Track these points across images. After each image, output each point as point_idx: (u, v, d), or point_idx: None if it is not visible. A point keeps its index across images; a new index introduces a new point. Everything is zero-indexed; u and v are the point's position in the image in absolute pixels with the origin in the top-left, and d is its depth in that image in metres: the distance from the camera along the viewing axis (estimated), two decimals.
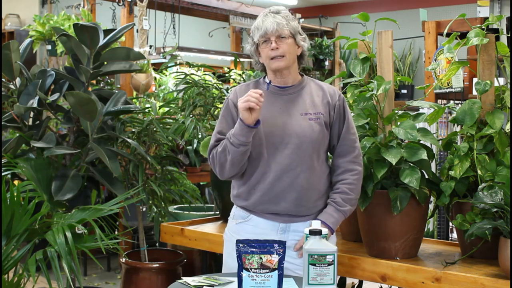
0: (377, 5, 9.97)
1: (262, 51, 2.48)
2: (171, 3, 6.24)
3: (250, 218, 2.52)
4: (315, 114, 2.49)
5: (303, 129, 2.46)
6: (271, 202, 2.47)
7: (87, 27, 3.35)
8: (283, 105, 2.50)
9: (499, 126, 2.56)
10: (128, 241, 4.21)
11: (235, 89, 2.59)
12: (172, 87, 5.61)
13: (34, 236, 2.99)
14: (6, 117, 3.43)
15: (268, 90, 2.51)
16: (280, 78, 2.51)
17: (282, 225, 2.49)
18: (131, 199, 3.41)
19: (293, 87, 2.53)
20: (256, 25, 2.48)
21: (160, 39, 6.49)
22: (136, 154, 3.71)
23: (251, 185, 2.49)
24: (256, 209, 2.50)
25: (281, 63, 2.46)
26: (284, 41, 2.45)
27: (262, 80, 2.58)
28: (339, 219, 2.49)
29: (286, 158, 2.45)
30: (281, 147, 2.45)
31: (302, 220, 2.50)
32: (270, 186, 2.46)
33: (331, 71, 8.29)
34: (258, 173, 2.47)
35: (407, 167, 2.58)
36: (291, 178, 2.45)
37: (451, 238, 3.35)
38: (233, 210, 2.61)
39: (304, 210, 2.49)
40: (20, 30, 7.31)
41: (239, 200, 2.56)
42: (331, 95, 2.55)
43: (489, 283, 2.30)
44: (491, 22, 2.67)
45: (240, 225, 2.54)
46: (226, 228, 2.64)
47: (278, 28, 2.43)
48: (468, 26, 3.28)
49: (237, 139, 2.38)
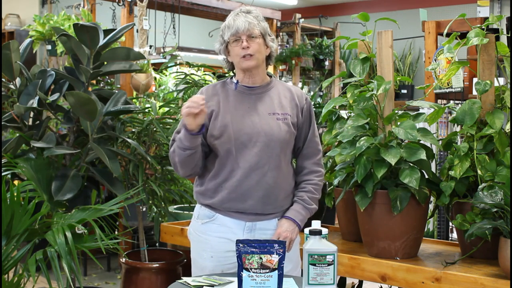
0: (377, 5, 9.97)
1: (232, 49, 2.49)
2: (171, 3, 6.24)
3: (215, 217, 2.52)
4: (283, 114, 2.51)
5: (271, 128, 2.48)
6: (238, 200, 2.47)
7: (87, 27, 3.35)
8: (251, 104, 2.52)
9: (499, 126, 2.56)
10: (128, 241, 4.21)
11: (201, 89, 2.61)
12: (172, 87, 5.61)
13: (34, 236, 2.99)
14: (6, 117, 3.43)
15: (236, 90, 2.53)
16: (249, 78, 2.53)
17: (248, 223, 2.50)
18: (131, 199, 3.41)
19: (260, 87, 2.55)
20: (227, 24, 2.50)
21: (160, 39, 6.49)
22: (136, 154, 3.71)
23: (218, 183, 2.50)
24: (221, 207, 2.50)
25: (252, 62, 2.47)
26: (254, 41, 2.47)
27: (229, 80, 2.60)
28: (306, 216, 2.54)
29: (255, 156, 2.46)
30: (250, 145, 2.46)
31: (268, 219, 2.52)
32: (238, 183, 2.46)
33: (331, 71, 8.30)
34: (226, 170, 2.48)
35: (407, 167, 2.58)
36: (259, 176, 2.46)
37: (451, 238, 3.35)
38: (197, 209, 2.60)
39: (270, 209, 2.51)
40: (20, 30, 7.31)
41: (204, 198, 2.55)
42: (298, 97, 2.58)
43: (489, 283, 2.30)
44: (491, 22, 2.67)
45: (206, 225, 2.54)
46: (190, 227, 2.63)
47: (249, 28, 2.46)
48: (468, 26, 3.28)
49: (182, 143, 2.42)
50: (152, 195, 3.83)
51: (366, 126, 2.75)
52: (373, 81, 2.68)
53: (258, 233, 2.51)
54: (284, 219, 2.51)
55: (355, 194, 2.67)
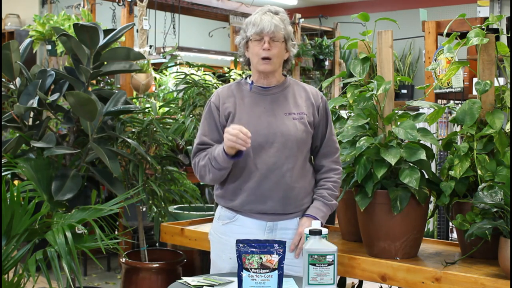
0: (377, 5, 9.96)
1: (253, 47, 2.47)
2: (171, 3, 6.23)
3: (236, 218, 2.52)
4: (298, 114, 2.51)
5: (287, 128, 2.47)
6: (258, 202, 2.47)
7: (87, 27, 3.35)
8: (267, 105, 2.51)
9: (499, 126, 2.56)
10: (128, 241, 4.21)
11: (217, 91, 2.59)
12: (172, 87, 5.61)
13: (34, 236, 2.99)
14: (6, 117, 3.43)
15: (251, 91, 2.52)
16: (264, 79, 2.53)
17: (269, 223, 2.50)
18: (131, 199, 3.41)
19: (276, 87, 2.54)
20: (253, 21, 2.47)
21: (160, 39, 6.49)
22: (136, 154, 3.71)
23: (237, 185, 2.50)
24: (242, 209, 2.50)
25: (269, 66, 2.47)
26: (276, 44, 2.45)
27: (244, 81, 2.58)
28: (327, 213, 2.53)
29: (272, 157, 2.45)
30: (266, 146, 2.46)
31: (289, 218, 2.52)
32: (256, 185, 2.46)
33: (331, 71, 8.29)
34: (244, 172, 2.48)
35: (407, 167, 2.58)
36: (277, 177, 2.46)
37: (451, 238, 3.34)
38: (218, 210, 2.60)
39: (291, 208, 2.50)
40: (20, 30, 7.31)
41: (224, 201, 2.55)
42: (314, 96, 2.57)
43: (489, 283, 2.30)
44: (491, 22, 2.67)
45: (226, 226, 2.54)
46: (211, 229, 2.63)
47: (274, 30, 2.43)
48: (468, 26, 3.28)
49: (218, 164, 2.41)
50: (152, 195, 3.83)
51: (366, 126, 2.75)
52: (373, 81, 2.68)
53: (279, 233, 2.50)
54: (305, 217, 2.51)
55: (355, 194, 2.67)
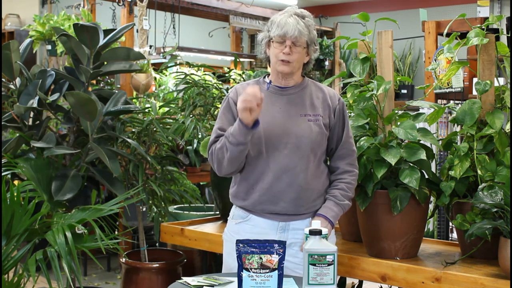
0: (377, 5, 9.96)
1: (274, 48, 2.46)
2: (171, 3, 6.24)
3: (249, 217, 2.53)
4: (314, 115, 2.49)
5: (302, 129, 2.46)
6: (269, 202, 2.47)
7: (87, 27, 3.35)
8: (283, 105, 2.50)
9: (499, 126, 2.56)
10: (128, 241, 4.21)
11: (235, 87, 2.58)
12: (172, 87, 5.61)
13: (34, 236, 2.99)
14: (6, 117, 3.43)
15: (268, 90, 2.51)
16: (282, 80, 2.52)
17: (281, 224, 2.50)
18: (131, 199, 3.41)
19: (293, 87, 2.53)
20: (278, 22, 2.45)
21: (160, 39, 6.49)
22: (136, 154, 3.71)
23: (249, 184, 2.49)
24: (255, 209, 2.50)
25: (287, 68, 2.46)
26: (297, 49, 2.44)
27: (262, 80, 2.58)
28: (338, 213, 2.51)
29: (285, 158, 2.45)
30: (280, 147, 2.45)
31: (301, 218, 2.51)
32: (269, 185, 2.46)
33: (331, 71, 8.29)
34: (257, 172, 2.47)
35: (407, 167, 2.58)
36: (290, 178, 2.45)
37: (451, 238, 3.35)
38: (233, 210, 2.61)
39: (303, 209, 2.50)
40: (20, 30, 7.31)
41: (236, 200, 2.56)
42: (331, 98, 2.55)
43: (489, 283, 2.30)
44: (491, 22, 2.67)
45: (239, 225, 2.55)
46: (226, 228, 2.64)
47: (298, 36, 2.42)
48: (468, 26, 3.28)
49: (235, 138, 2.36)
50: (152, 195, 3.83)
51: (366, 126, 2.75)
52: (373, 81, 2.68)
53: (291, 233, 2.50)
54: (316, 217, 2.49)
55: (355, 194, 2.67)
